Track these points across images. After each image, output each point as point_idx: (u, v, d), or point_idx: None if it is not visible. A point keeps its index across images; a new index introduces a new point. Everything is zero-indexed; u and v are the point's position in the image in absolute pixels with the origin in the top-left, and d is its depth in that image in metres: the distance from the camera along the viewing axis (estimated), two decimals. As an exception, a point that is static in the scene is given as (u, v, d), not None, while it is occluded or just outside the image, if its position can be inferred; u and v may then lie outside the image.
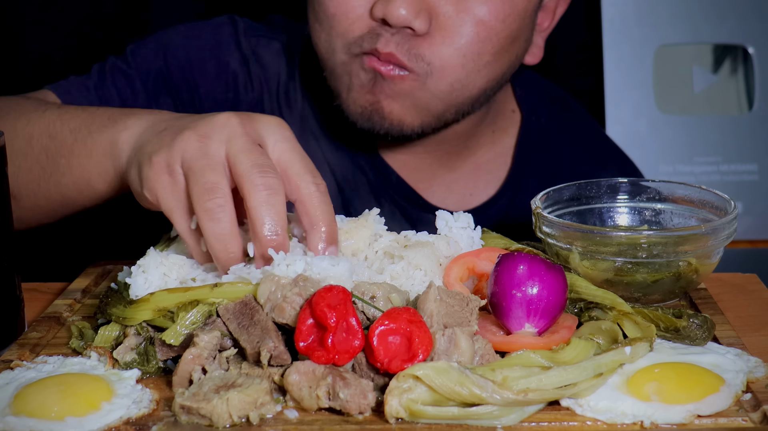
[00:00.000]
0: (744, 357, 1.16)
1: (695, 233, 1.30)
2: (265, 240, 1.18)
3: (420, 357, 1.07)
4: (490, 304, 1.19)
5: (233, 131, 1.22)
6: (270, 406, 1.07)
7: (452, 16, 1.57)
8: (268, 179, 1.18)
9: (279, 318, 1.13)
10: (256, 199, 1.17)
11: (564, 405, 1.07)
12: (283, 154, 1.23)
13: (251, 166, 1.18)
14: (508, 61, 1.66)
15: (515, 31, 1.63)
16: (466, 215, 1.35)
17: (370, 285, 1.17)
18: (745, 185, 2.63)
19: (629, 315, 1.20)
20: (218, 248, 1.19)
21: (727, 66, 2.55)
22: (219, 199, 1.17)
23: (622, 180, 1.47)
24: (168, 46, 1.80)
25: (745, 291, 1.45)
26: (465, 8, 1.57)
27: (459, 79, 1.61)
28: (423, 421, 1.05)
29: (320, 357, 1.08)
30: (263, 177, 1.18)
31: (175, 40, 1.80)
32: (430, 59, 1.58)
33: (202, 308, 1.18)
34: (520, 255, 1.18)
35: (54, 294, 1.47)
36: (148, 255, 1.25)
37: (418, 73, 1.58)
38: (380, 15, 1.55)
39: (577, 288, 1.24)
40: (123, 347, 1.19)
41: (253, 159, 1.19)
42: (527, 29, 1.67)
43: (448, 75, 1.60)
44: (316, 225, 1.21)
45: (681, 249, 1.29)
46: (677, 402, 1.06)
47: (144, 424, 1.07)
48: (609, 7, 2.53)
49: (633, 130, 2.54)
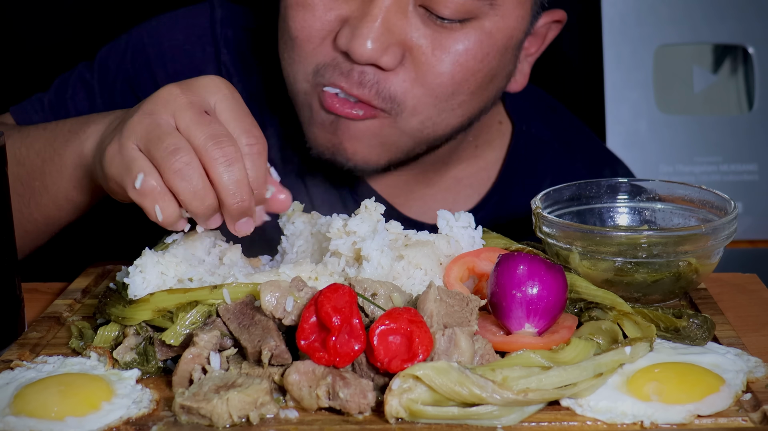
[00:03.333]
0: (744, 357, 1.16)
1: (695, 233, 1.30)
2: (233, 209, 1.21)
3: (420, 357, 1.07)
4: (490, 304, 1.19)
5: (177, 102, 1.23)
6: (270, 406, 1.07)
7: (427, 53, 1.44)
8: (225, 149, 1.19)
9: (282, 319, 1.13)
10: (217, 172, 1.19)
11: (564, 405, 1.07)
12: (222, 114, 1.24)
13: (205, 138, 1.20)
14: (486, 98, 1.55)
15: (494, 69, 1.50)
16: (467, 215, 1.35)
17: (372, 282, 1.17)
18: (745, 185, 2.63)
19: (629, 315, 1.20)
20: (196, 204, 1.20)
21: (727, 66, 2.55)
22: (185, 157, 1.19)
23: (621, 180, 1.47)
24: (137, 44, 1.74)
25: (745, 291, 1.45)
26: (441, 45, 1.45)
27: (430, 117, 1.50)
28: (423, 421, 1.05)
29: (321, 358, 1.08)
30: (220, 149, 1.19)
31: (145, 37, 1.74)
32: (401, 99, 1.46)
33: (202, 308, 1.18)
34: (520, 255, 1.18)
35: (54, 294, 1.47)
36: (144, 255, 1.25)
37: (388, 112, 1.47)
38: (343, 47, 1.43)
39: (577, 288, 1.24)
40: (123, 347, 1.19)
41: (206, 130, 1.20)
42: (509, 64, 1.55)
43: (419, 113, 1.48)
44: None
45: (681, 249, 1.29)
46: (677, 402, 1.06)
47: (144, 424, 1.07)
48: (609, 7, 2.53)
49: (633, 130, 2.54)
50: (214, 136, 1.20)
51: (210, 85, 1.26)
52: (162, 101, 1.24)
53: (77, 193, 1.46)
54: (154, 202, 1.21)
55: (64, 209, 1.50)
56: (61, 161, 1.45)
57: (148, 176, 1.20)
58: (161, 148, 1.19)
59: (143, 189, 1.20)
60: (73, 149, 1.42)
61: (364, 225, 1.26)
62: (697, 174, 2.64)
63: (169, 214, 1.21)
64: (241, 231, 1.25)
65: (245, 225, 1.24)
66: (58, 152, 1.45)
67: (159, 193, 1.20)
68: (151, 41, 1.74)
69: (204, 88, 1.26)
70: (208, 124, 1.21)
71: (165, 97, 1.24)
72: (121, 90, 1.73)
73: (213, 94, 1.25)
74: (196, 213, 1.22)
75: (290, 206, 1.31)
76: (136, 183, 1.20)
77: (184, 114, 1.22)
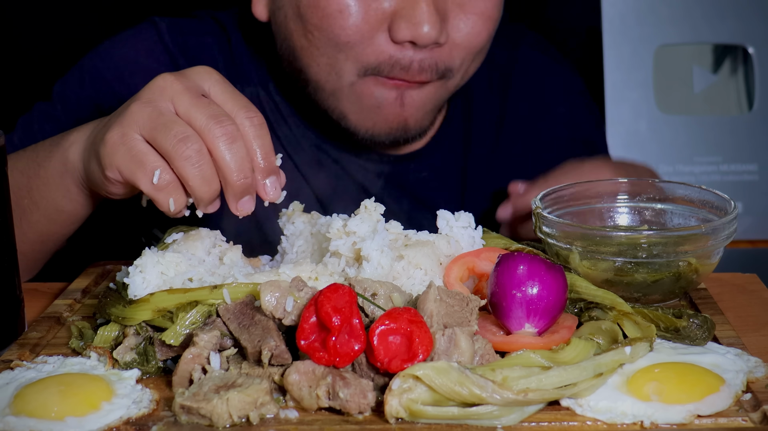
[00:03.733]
0: (744, 357, 1.16)
1: (695, 233, 1.30)
2: (237, 185, 1.24)
3: (420, 357, 1.07)
4: (490, 304, 1.19)
5: (174, 88, 1.26)
6: (270, 406, 1.07)
7: (462, 20, 1.57)
8: (226, 128, 1.23)
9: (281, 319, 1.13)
10: (220, 149, 1.22)
11: (564, 405, 1.07)
12: (217, 97, 1.28)
13: (207, 118, 1.23)
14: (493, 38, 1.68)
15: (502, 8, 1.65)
16: (467, 214, 1.35)
17: (372, 282, 1.17)
18: (745, 185, 2.63)
19: (629, 315, 1.20)
20: (204, 190, 1.24)
21: (727, 66, 2.55)
22: (195, 145, 1.22)
23: (622, 180, 1.47)
24: (92, 70, 1.77)
25: (745, 291, 1.45)
26: (471, 8, 1.57)
27: (469, 71, 1.64)
28: (423, 421, 1.05)
29: (321, 358, 1.08)
30: (222, 127, 1.23)
31: (98, 62, 1.77)
32: (452, 66, 1.59)
33: (202, 308, 1.18)
34: (520, 255, 1.18)
35: (54, 294, 1.47)
36: (144, 255, 1.25)
37: (440, 78, 1.60)
38: (407, 38, 1.52)
39: (577, 288, 1.24)
40: (123, 347, 1.19)
41: (206, 111, 1.24)
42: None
43: (463, 71, 1.63)
44: (253, 157, 1.26)
45: (681, 249, 1.29)
46: (677, 402, 1.06)
47: (144, 424, 1.07)
48: (609, 7, 2.53)
49: (633, 130, 2.54)
50: (214, 116, 1.23)
51: (201, 71, 1.30)
52: (159, 89, 1.26)
53: (67, 201, 1.47)
54: (168, 196, 1.24)
55: (57, 221, 1.51)
56: (46, 173, 1.46)
57: (164, 172, 1.23)
58: (170, 136, 1.22)
59: (160, 184, 1.23)
60: (56, 159, 1.44)
61: (363, 225, 1.26)
62: (697, 174, 2.64)
63: (180, 203, 1.25)
64: (243, 210, 1.27)
65: (247, 203, 1.27)
66: (42, 165, 1.47)
67: (173, 186, 1.24)
68: (104, 64, 1.77)
69: (196, 74, 1.29)
70: (207, 106, 1.24)
71: (161, 84, 1.27)
72: (87, 113, 1.75)
73: (205, 80, 1.29)
74: (202, 198, 1.25)
75: (284, 188, 1.32)
76: (154, 179, 1.23)
77: (183, 98, 1.25)
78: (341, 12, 1.52)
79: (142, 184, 1.24)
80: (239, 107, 1.26)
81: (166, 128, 1.22)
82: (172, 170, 1.24)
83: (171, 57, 1.76)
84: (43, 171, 1.46)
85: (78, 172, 1.41)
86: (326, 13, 1.53)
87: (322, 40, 1.56)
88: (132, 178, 1.25)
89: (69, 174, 1.42)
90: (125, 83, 1.74)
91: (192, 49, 1.77)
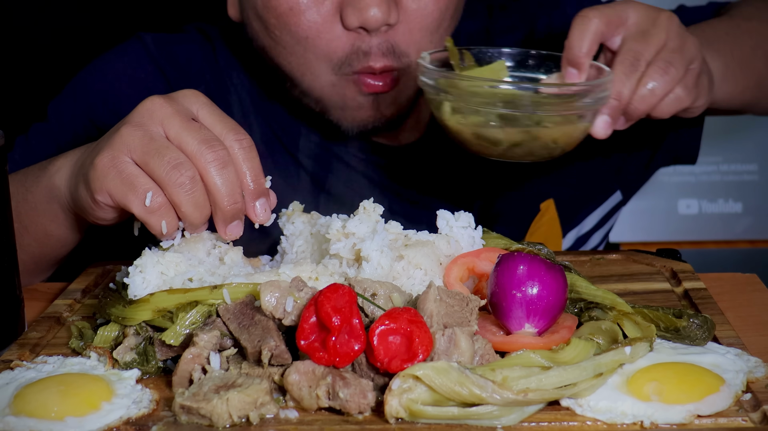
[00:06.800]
0: (744, 357, 1.16)
1: (557, 93, 1.31)
2: (227, 210, 1.25)
3: (420, 357, 1.07)
4: (490, 304, 1.19)
5: (164, 112, 1.26)
6: (270, 406, 1.07)
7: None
8: (218, 153, 1.24)
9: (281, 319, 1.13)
10: (212, 174, 1.24)
11: (564, 405, 1.07)
12: (205, 120, 1.28)
13: (198, 142, 1.24)
14: (459, 15, 1.65)
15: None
16: (467, 214, 1.35)
17: (372, 282, 1.17)
18: (745, 185, 2.64)
19: (629, 315, 1.20)
20: (196, 215, 1.25)
21: (727, 66, 2.55)
22: (188, 172, 1.23)
23: (532, 51, 1.48)
24: (83, 86, 1.79)
25: (745, 291, 1.45)
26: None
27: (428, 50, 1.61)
28: (423, 421, 1.05)
29: (321, 358, 1.08)
30: (213, 152, 1.24)
31: (88, 78, 1.79)
32: (407, 50, 1.57)
33: (202, 308, 1.18)
34: (520, 255, 1.18)
35: (54, 294, 1.47)
36: (144, 255, 1.25)
37: (404, 65, 1.59)
38: (357, 24, 1.52)
39: (577, 288, 1.25)
40: (122, 347, 1.19)
41: (197, 136, 1.24)
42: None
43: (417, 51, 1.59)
44: (243, 179, 1.26)
45: (540, 108, 1.30)
46: (677, 402, 1.06)
47: (144, 424, 1.07)
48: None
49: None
50: (205, 140, 1.24)
51: (188, 94, 1.30)
52: (148, 112, 1.27)
53: (55, 226, 1.48)
54: (161, 218, 1.25)
55: (48, 245, 1.52)
56: (33, 199, 1.47)
57: (155, 194, 1.24)
58: (163, 163, 1.23)
59: (152, 206, 1.24)
60: (43, 184, 1.45)
61: (363, 226, 1.26)
62: (697, 174, 2.64)
63: (172, 226, 1.26)
64: (232, 235, 1.28)
65: (236, 228, 1.28)
66: (30, 190, 1.48)
67: (166, 209, 1.25)
68: (94, 79, 1.79)
69: (184, 97, 1.30)
70: (198, 130, 1.25)
71: (150, 107, 1.27)
72: (84, 127, 1.77)
73: (193, 103, 1.29)
74: (193, 223, 1.26)
75: (274, 206, 1.33)
76: (146, 201, 1.23)
77: (173, 122, 1.25)
78: (291, 9, 1.54)
79: (133, 207, 1.25)
80: (228, 130, 1.27)
81: (159, 154, 1.23)
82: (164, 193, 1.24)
83: (157, 66, 1.78)
84: (30, 196, 1.48)
85: (65, 198, 1.42)
86: (279, 12, 1.55)
87: (284, 38, 1.58)
88: (123, 200, 1.25)
89: (56, 199, 1.44)
90: (115, 94, 1.76)
91: (178, 57, 1.79)
